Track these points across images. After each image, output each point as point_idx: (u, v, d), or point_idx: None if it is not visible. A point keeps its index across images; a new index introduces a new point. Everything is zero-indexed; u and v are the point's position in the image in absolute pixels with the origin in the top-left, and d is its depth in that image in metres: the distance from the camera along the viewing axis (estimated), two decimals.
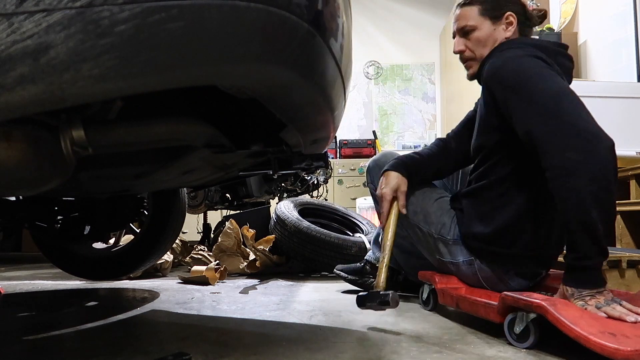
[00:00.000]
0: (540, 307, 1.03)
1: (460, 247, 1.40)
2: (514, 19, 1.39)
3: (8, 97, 0.52)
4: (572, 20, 3.62)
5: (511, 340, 1.12)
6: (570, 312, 1.00)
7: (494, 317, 1.18)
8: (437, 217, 1.46)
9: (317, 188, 3.90)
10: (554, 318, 0.99)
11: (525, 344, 1.08)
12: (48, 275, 2.64)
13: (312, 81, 0.73)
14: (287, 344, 1.15)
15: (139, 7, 0.51)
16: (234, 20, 0.56)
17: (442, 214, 1.46)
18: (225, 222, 2.96)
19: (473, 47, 1.42)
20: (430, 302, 1.54)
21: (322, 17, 0.69)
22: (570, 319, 0.97)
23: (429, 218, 1.47)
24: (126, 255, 2.07)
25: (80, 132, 0.74)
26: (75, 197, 1.76)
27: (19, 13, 0.50)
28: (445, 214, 1.46)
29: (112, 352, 1.10)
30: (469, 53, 1.43)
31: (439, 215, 1.46)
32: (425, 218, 1.48)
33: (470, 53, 1.43)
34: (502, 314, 1.15)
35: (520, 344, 1.09)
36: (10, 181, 0.74)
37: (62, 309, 1.71)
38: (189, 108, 0.96)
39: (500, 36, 1.39)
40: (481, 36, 1.40)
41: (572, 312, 1.00)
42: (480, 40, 1.40)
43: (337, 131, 1.22)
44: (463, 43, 1.44)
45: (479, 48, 1.41)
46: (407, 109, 6.26)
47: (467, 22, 1.41)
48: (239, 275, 2.57)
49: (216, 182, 1.60)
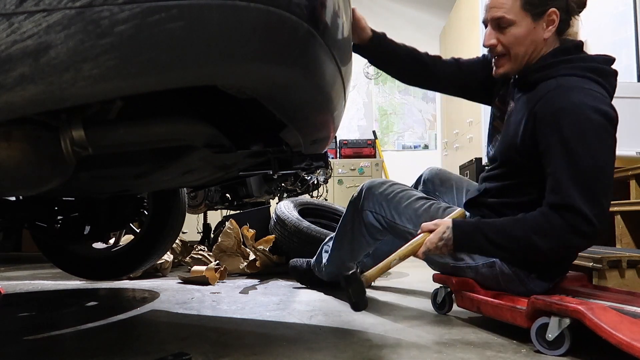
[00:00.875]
0: (577, 312, 0.98)
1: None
2: (556, 17, 1.22)
3: (8, 97, 0.52)
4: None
5: (539, 347, 1.05)
6: (609, 317, 0.96)
7: (521, 321, 1.12)
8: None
9: (317, 188, 3.90)
10: (592, 323, 0.95)
11: (558, 350, 1.02)
12: (48, 275, 2.64)
13: (312, 81, 0.73)
14: (287, 344, 1.15)
15: (139, 7, 0.51)
16: (234, 20, 0.56)
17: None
18: (225, 222, 2.96)
19: (508, 44, 1.26)
20: (446, 305, 1.50)
21: (322, 17, 0.69)
22: (610, 325, 0.93)
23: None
24: (126, 255, 2.07)
25: (80, 132, 0.74)
26: (75, 197, 1.76)
27: (19, 13, 0.50)
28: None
29: (112, 352, 1.10)
30: (501, 48, 1.27)
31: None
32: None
33: (503, 49, 1.27)
34: (531, 319, 1.09)
35: (552, 350, 1.03)
36: (10, 181, 0.74)
37: (62, 309, 1.71)
38: (189, 108, 0.96)
39: (539, 36, 1.24)
40: (519, 34, 1.23)
41: (612, 317, 0.96)
42: (518, 38, 1.24)
43: (337, 131, 1.22)
44: (495, 37, 1.26)
45: (515, 46, 1.25)
46: (407, 109, 6.26)
47: (504, 14, 1.22)
48: (239, 275, 2.57)
49: (216, 182, 1.60)
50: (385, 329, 1.30)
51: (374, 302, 1.72)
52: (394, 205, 1.50)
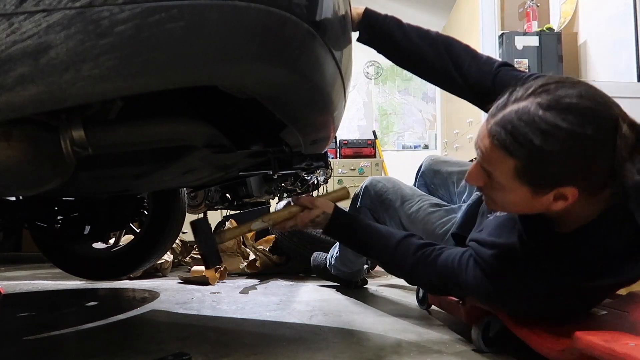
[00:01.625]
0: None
1: None
2: (571, 196, 0.82)
3: (8, 97, 0.52)
4: (572, 21, 3.62)
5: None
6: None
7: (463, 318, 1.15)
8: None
9: (317, 188, 3.90)
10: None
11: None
12: (48, 275, 2.64)
13: (312, 81, 0.73)
14: (287, 344, 1.15)
15: (139, 7, 0.51)
16: (234, 20, 0.56)
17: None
18: (225, 222, 2.96)
19: (495, 200, 0.92)
20: (426, 301, 1.52)
21: (322, 17, 0.69)
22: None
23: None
24: (126, 255, 2.08)
25: (80, 132, 0.74)
26: (75, 197, 1.76)
27: (19, 13, 0.50)
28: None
29: (112, 352, 1.10)
30: (488, 197, 0.95)
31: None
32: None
33: (489, 199, 0.95)
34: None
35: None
36: (10, 181, 0.74)
37: (62, 309, 1.71)
38: (189, 108, 0.96)
39: (541, 207, 0.86)
40: (512, 201, 0.89)
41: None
42: (508, 202, 0.90)
43: (337, 131, 1.22)
44: (483, 180, 0.91)
45: (507, 206, 0.93)
46: (407, 109, 6.26)
47: (493, 170, 0.87)
48: (239, 275, 2.57)
49: (216, 182, 1.60)
50: (386, 328, 1.30)
51: (374, 300, 1.72)
52: (385, 208, 1.51)
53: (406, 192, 1.53)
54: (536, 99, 0.81)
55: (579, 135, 0.77)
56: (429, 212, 1.46)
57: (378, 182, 1.57)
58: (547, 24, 3.56)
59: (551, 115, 0.78)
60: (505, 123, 0.82)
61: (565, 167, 0.80)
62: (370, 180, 1.59)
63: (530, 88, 0.83)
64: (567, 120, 0.77)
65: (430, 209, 1.47)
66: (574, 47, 3.54)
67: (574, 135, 0.77)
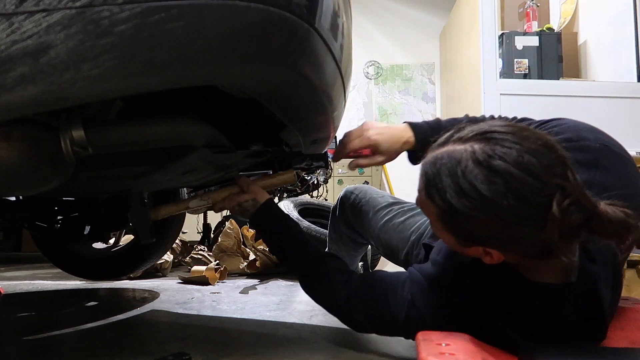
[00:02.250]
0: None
1: None
2: (497, 257, 0.78)
3: (8, 97, 0.52)
4: (572, 20, 3.62)
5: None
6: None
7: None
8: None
9: (317, 188, 3.90)
10: None
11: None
12: (48, 275, 2.64)
13: (312, 81, 0.73)
14: (287, 344, 1.15)
15: (139, 7, 0.51)
16: (234, 20, 0.56)
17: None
18: (225, 222, 2.96)
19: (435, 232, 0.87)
20: None
21: (322, 17, 0.69)
22: None
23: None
24: (126, 255, 2.08)
25: (80, 132, 0.74)
26: (75, 197, 1.76)
27: (19, 13, 0.50)
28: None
29: (112, 352, 1.10)
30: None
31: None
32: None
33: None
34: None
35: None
36: (10, 181, 0.74)
37: (62, 309, 1.71)
38: (189, 108, 0.96)
39: (475, 254, 0.81)
40: (446, 242, 0.85)
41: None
42: (446, 242, 0.86)
43: (337, 131, 1.22)
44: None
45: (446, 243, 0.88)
46: (407, 109, 6.26)
47: (424, 207, 0.84)
48: (239, 275, 2.57)
49: (216, 182, 1.60)
50: None
51: None
52: (360, 219, 1.44)
53: (378, 201, 1.45)
54: (474, 145, 0.74)
55: (496, 206, 0.71)
56: (405, 217, 1.39)
57: (351, 194, 1.49)
58: (547, 24, 3.56)
59: (476, 173, 0.72)
60: (433, 165, 0.78)
61: (480, 230, 0.75)
62: (345, 192, 1.51)
63: (478, 130, 0.76)
64: (490, 184, 0.71)
65: (404, 216, 1.39)
66: (574, 47, 3.54)
67: (490, 205, 0.71)
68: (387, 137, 1.15)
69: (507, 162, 0.71)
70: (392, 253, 1.38)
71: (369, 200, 1.45)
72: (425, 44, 6.17)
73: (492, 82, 3.10)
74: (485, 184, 0.71)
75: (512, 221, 0.71)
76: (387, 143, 1.14)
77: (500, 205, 0.71)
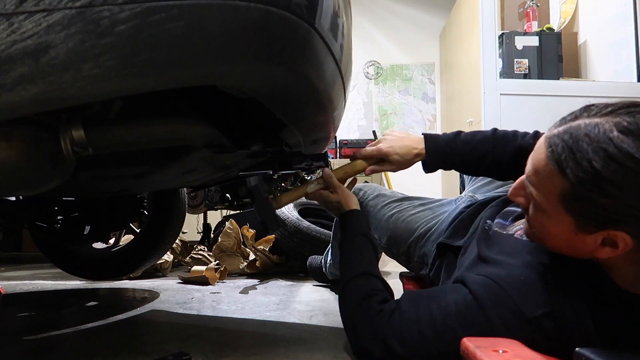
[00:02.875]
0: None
1: None
2: (622, 245, 0.69)
3: (8, 97, 0.52)
4: (572, 21, 3.62)
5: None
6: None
7: None
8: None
9: None
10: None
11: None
12: (48, 275, 2.64)
13: (312, 81, 0.73)
14: (287, 344, 1.15)
15: (139, 7, 0.51)
16: (234, 20, 0.56)
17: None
18: (225, 222, 2.97)
19: (534, 224, 0.80)
20: None
21: (322, 17, 0.69)
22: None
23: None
24: (126, 255, 2.07)
25: (80, 132, 0.74)
26: (75, 197, 1.76)
27: (19, 13, 0.50)
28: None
29: (112, 352, 1.10)
30: (528, 221, 0.83)
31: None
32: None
33: (529, 224, 0.83)
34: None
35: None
36: (10, 181, 0.74)
37: (62, 309, 1.71)
38: (189, 108, 0.96)
39: (585, 249, 0.74)
40: (552, 232, 0.77)
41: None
42: (547, 231, 0.78)
43: (337, 131, 1.22)
44: (524, 197, 0.82)
45: (544, 237, 0.80)
46: (407, 109, 6.26)
47: (539, 188, 0.75)
48: (239, 275, 2.57)
49: (216, 182, 1.60)
50: None
51: None
52: (368, 216, 1.45)
53: (388, 196, 1.47)
54: (615, 118, 0.68)
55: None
56: (416, 211, 1.40)
57: (360, 190, 1.52)
58: (547, 24, 3.56)
59: (626, 140, 0.65)
60: (567, 135, 0.70)
61: (622, 205, 0.66)
62: (353, 189, 1.50)
63: (609, 107, 0.69)
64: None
65: (414, 210, 1.40)
66: (574, 47, 3.54)
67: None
68: (398, 149, 1.21)
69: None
70: (394, 243, 1.39)
71: (377, 196, 1.48)
72: (425, 44, 6.18)
73: (492, 82, 3.10)
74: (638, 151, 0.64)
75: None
76: (397, 155, 1.20)
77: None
